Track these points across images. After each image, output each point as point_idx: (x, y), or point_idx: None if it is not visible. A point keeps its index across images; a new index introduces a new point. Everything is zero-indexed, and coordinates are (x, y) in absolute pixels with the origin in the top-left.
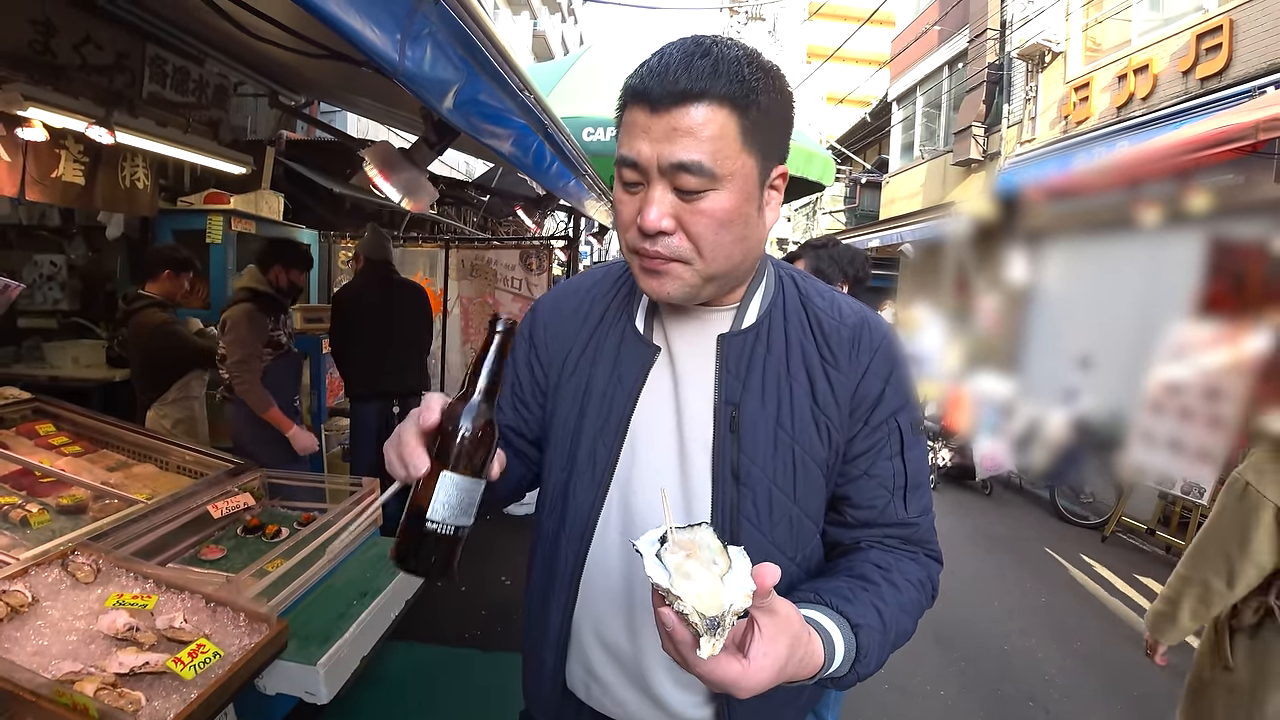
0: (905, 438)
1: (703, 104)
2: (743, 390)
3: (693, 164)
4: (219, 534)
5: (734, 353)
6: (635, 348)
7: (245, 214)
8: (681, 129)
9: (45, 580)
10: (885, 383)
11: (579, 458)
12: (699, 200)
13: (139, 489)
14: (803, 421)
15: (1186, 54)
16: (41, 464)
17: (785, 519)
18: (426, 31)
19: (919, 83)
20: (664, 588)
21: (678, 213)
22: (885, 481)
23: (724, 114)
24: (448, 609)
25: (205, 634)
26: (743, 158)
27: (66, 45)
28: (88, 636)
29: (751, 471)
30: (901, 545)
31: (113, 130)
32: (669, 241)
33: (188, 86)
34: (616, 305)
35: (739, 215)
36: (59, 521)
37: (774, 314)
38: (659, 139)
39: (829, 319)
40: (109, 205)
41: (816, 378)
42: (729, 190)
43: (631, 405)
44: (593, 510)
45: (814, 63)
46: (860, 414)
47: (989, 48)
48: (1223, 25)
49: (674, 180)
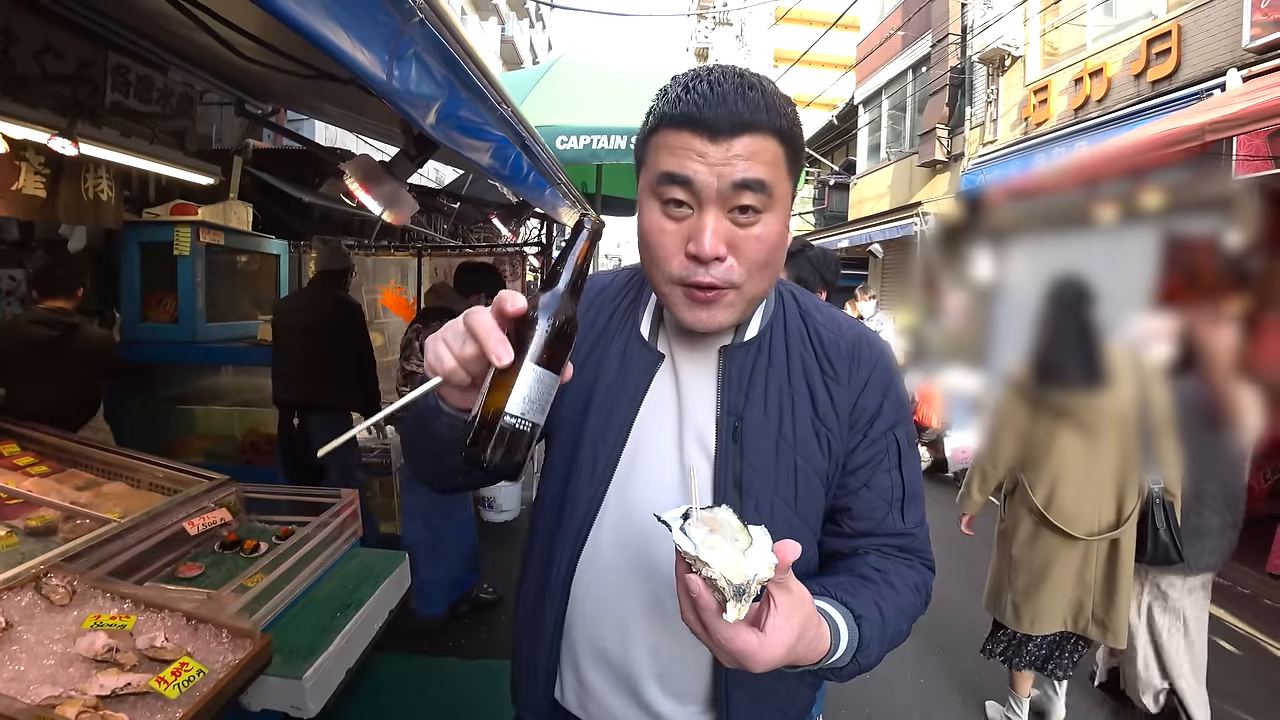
0: (902, 451)
1: (759, 134)
2: (745, 402)
3: (755, 181)
4: (196, 551)
5: (736, 365)
6: (640, 354)
7: (213, 225)
8: (744, 154)
9: (18, 604)
10: (884, 396)
11: (579, 459)
12: (752, 226)
13: (111, 508)
14: (804, 433)
15: (1138, 58)
16: (6, 485)
17: (786, 526)
18: (412, 51)
19: (884, 86)
20: (692, 555)
21: (731, 239)
22: (884, 494)
23: (774, 143)
24: (431, 619)
25: (188, 652)
26: (785, 184)
27: (26, 54)
28: (66, 659)
29: (754, 481)
30: (898, 553)
31: (76, 141)
32: (721, 269)
33: (152, 95)
34: (622, 311)
35: (782, 239)
36: (28, 544)
37: (775, 328)
38: (718, 163)
39: (828, 333)
40: (72, 218)
41: (817, 390)
42: (777, 214)
43: (634, 409)
44: (589, 511)
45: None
46: (859, 427)
47: (951, 52)
48: (1171, 30)
49: (733, 200)
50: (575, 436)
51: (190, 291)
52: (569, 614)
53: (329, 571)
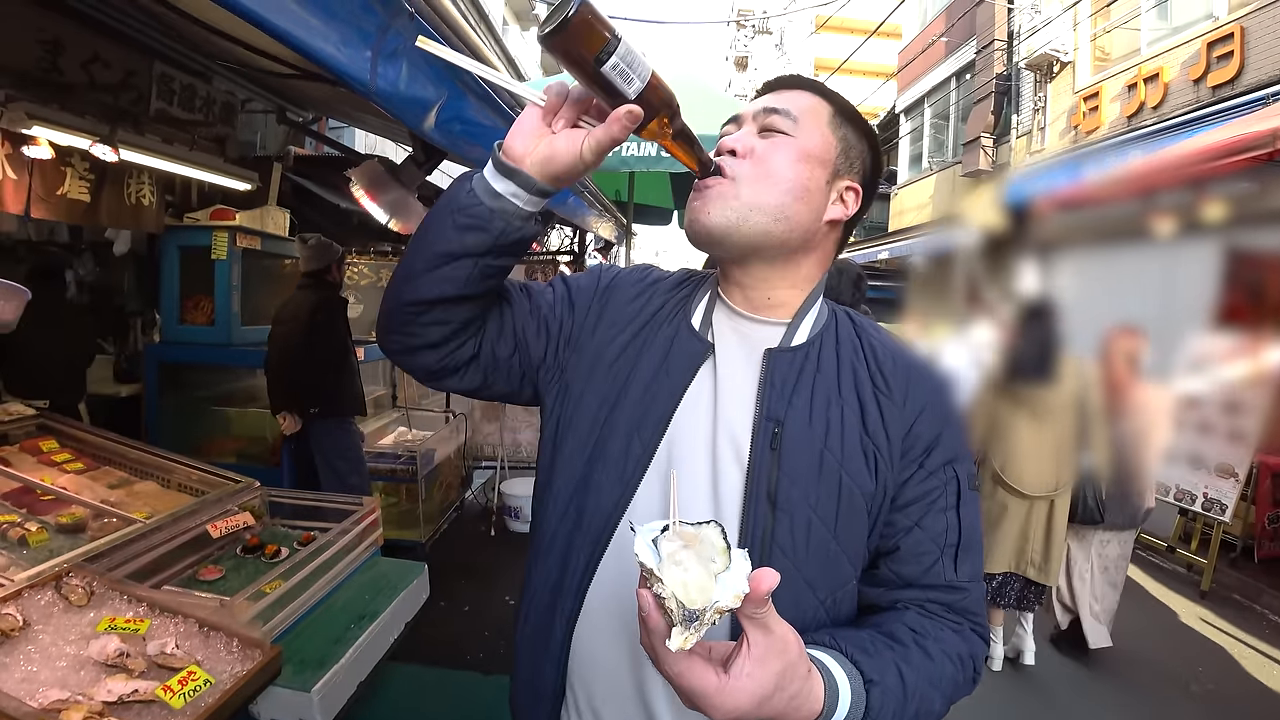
0: (962, 490)
1: (806, 91)
2: (788, 408)
3: (781, 108)
4: (218, 553)
5: (780, 369)
6: (688, 343)
7: (250, 230)
8: (784, 96)
9: (38, 603)
10: (944, 425)
11: (609, 451)
12: (773, 136)
13: (139, 507)
14: (851, 448)
15: (1197, 62)
16: (42, 481)
17: (821, 552)
18: (401, 48)
19: (926, 94)
20: (649, 568)
21: (752, 145)
22: (936, 536)
23: (819, 101)
24: (449, 630)
25: (197, 660)
26: (825, 132)
27: (74, 64)
28: (77, 662)
29: (791, 495)
30: (945, 613)
31: (116, 148)
32: (730, 161)
33: (195, 104)
34: (674, 305)
35: (802, 163)
36: (57, 540)
37: (826, 337)
38: (765, 101)
39: (884, 349)
40: (114, 222)
41: (868, 403)
42: (802, 141)
43: (675, 401)
44: (615, 510)
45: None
46: (914, 455)
47: (996, 59)
48: (1233, 33)
49: (761, 122)
50: (604, 426)
51: (226, 295)
52: (579, 628)
53: (347, 580)
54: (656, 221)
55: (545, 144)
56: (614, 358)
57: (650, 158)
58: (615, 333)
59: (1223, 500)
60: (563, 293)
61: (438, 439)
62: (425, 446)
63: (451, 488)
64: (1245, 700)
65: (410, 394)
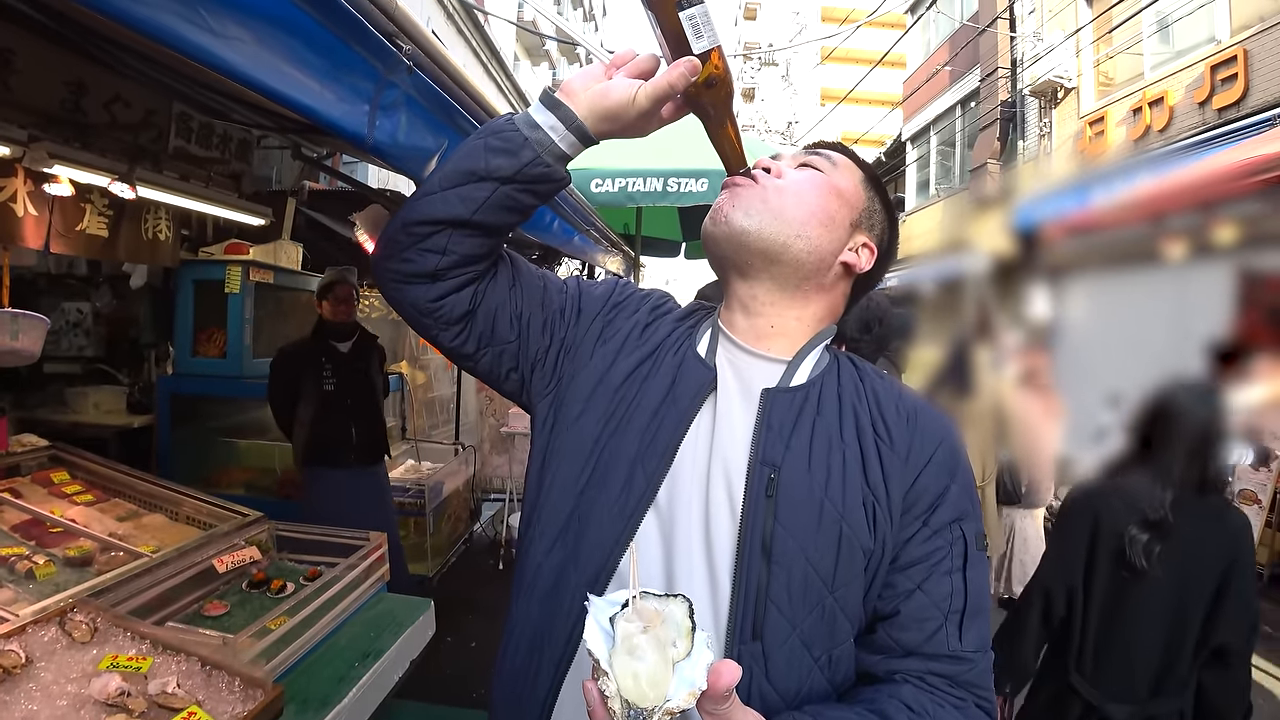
0: (969, 551)
1: (844, 155)
2: (786, 451)
3: (821, 151)
4: (224, 588)
5: (779, 410)
6: (695, 369)
7: (263, 264)
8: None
9: (41, 639)
10: (951, 480)
11: (610, 481)
12: (809, 170)
13: (147, 540)
14: (853, 498)
15: (1201, 85)
16: (52, 514)
17: (818, 609)
18: (400, 100)
19: (932, 122)
20: (596, 657)
21: (787, 170)
22: (940, 601)
23: (854, 165)
24: (455, 666)
25: (198, 700)
26: (856, 184)
27: (97, 104)
28: (78, 701)
29: (788, 548)
30: (948, 687)
31: (134, 185)
32: (764, 175)
33: (212, 140)
34: (681, 334)
35: (832, 196)
36: (64, 574)
37: (827, 379)
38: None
39: (887, 395)
40: (132, 257)
41: (869, 451)
42: (835, 179)
43: (682, 431)
44: (616, 546)
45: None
46: (918, 512)
47: (1000, 86)
48: (1237, 55)
49: (799, 159)
50: (601, 453)
51: (239, 327)
52: (568, 680)
53: (353, 617)
54: (665, 254)
55: (602, 84)
56: (619, 381)
57: (657, 193)
58: (621, 355)
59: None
60: (575, 295)
61: (446, 471)
62: (434, 479)
63: (460, 520)
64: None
65: (419, 425)
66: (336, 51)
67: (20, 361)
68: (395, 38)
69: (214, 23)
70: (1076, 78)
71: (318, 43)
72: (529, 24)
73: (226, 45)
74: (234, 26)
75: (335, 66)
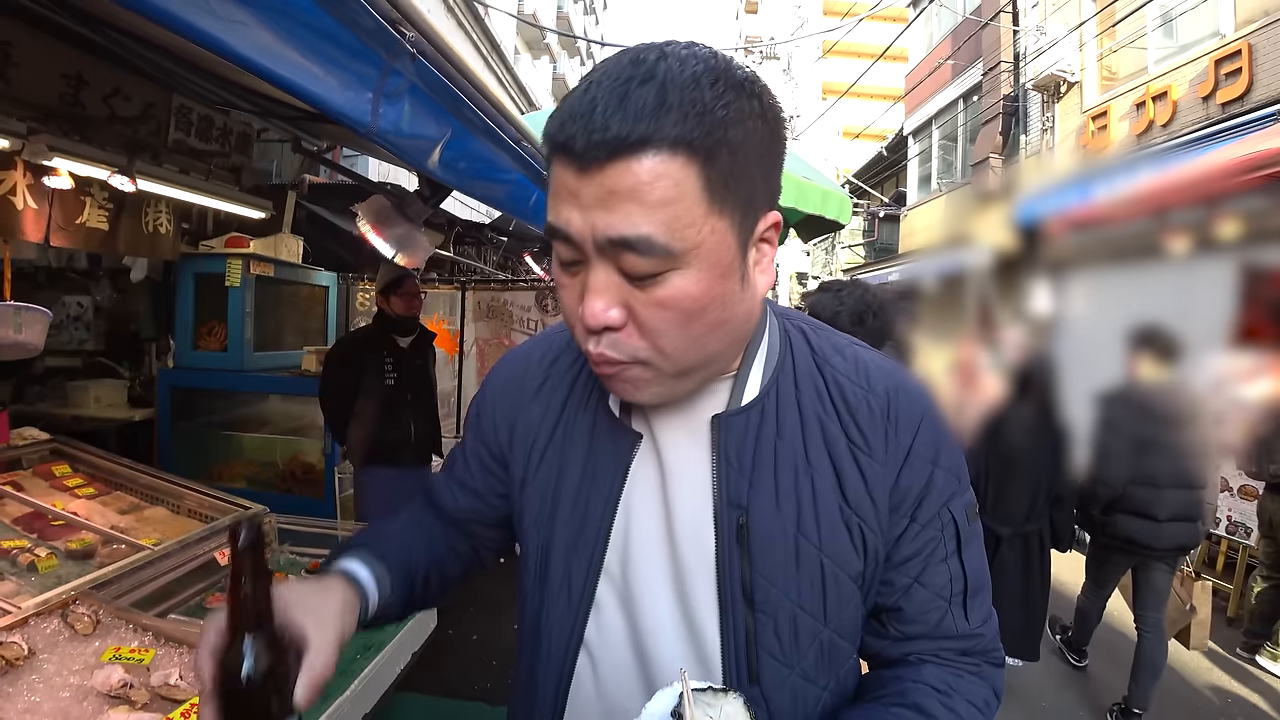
0: (961, 531)
1: (647, 155)
2: (750, 489)
3: (638, 240)
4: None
5: (734, 438)
6: (610, 436)
7: (263, 257)
8: (620, 193)
9: (44, 631)
10: (933, 465)
11: (550, 579)
12: (654, 287)
13: (148, 533)
14: (831, 526)
15: (1205, 79)
16: (54, 507)
17: (815, 645)
18: (404, 88)
19: (934, 116)
20: None
21: (628, 300)
22: (941, 590)
23: (679, 164)
24: (457, 659)
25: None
26: (712, 221)
27: (96, 97)
28: (81, 693)
29: (770, 595)
30: (962, 658)
31: (134, 178)
32: (617, 339)
33: (211, 134)
34: (585, 382)
35: (712, 299)
36: (66, 566)
37: (782, 382)
38: (591, 205)
39: (854, 387)
40: (132, 250)
41: (845, 467)
42: (695, 268)
43: (612, 511)
44: (571, 640)
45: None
46: (905, 509)
47: (1003, 80)
48: (1241, 50)
49: (617, 261)
50: (545, 547)
51: (239, 321)
52: None
53: None
54: None
55: None
56: (538, 463)
57: None
58: (532, 435)
59: (1247, 523)
60: (475, 448)
61: None
62: (436, 471)
63: None
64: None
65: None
66: (339, 37)
67: (23, 354)
68: (399, 24)
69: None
70: (1079, 72)
71: (320, 28)
72: (530, 17)
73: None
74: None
75: (339, 52)
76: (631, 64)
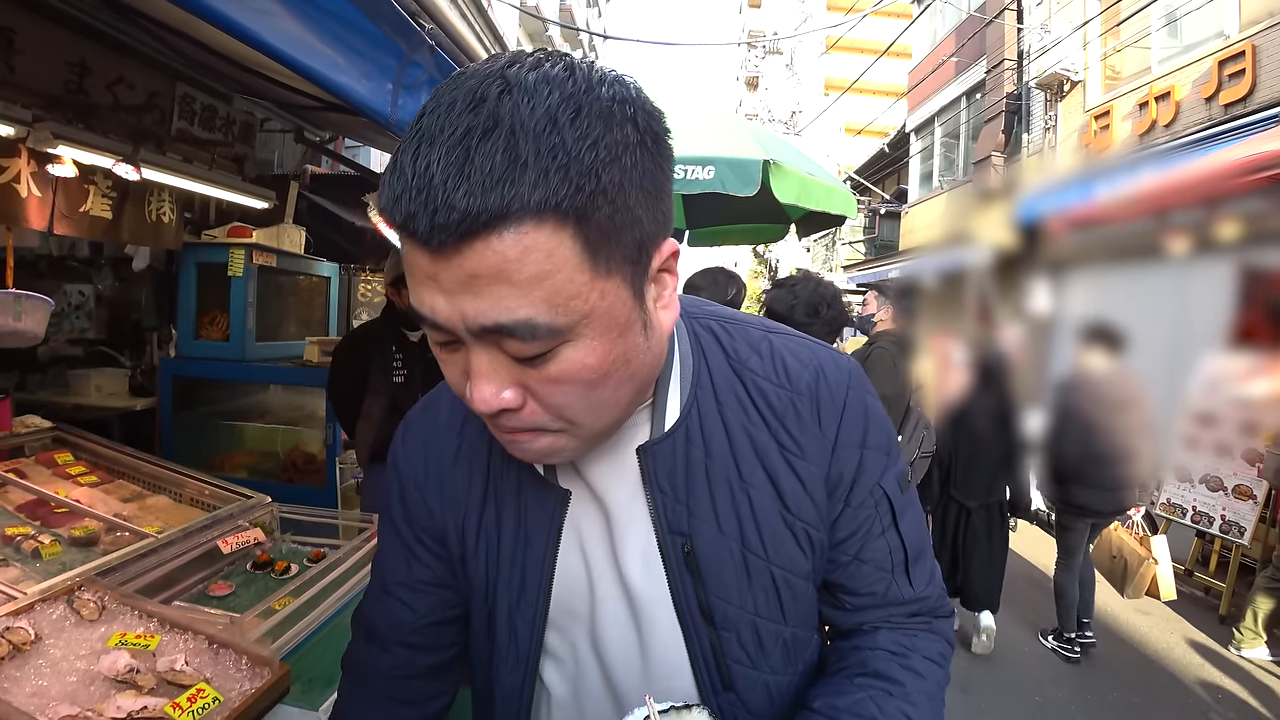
0: (895, 504)
1: (508, 229)
2: (689, 516)
3: (516, 325)
4: (228, 569)
5: (663, 467)
6: (538, 498)
7: (266, 248)
8: (483, 276)
9: (50, 617)
10: (861, 449)
11: (498, 635)
12: (546, 364)
13: (151, 521)
14: (776, 537)
15: (1209, 80)
16: (57, 494)
17: (779, 645)
18: (423, 79)
19: (937, 113)
20: None
21: (519, 380)
22: (882, 563)
23: (547, 232)
24: None
25: (206, 677)
26: (599, 285)
27: (100, 85)
28: (88, 677)
29: (728, 612)
30: (911, 619)
31: (139, 167)
32: (517, 416)
33: (215, 124)
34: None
35: (612, 362)
36: (70, 553)
37: (701, 397)
38: (454, 291)
39: (776, 390)
40: (135, 239)
41: (780, 476)
42: (588, 338)
43: (550, 571)
44: (524, 691)
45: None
46: (840, 494)
47: (1006, 78)
48: (1245, 51)
49: (498, 344)
50: (490, 610)
51: (242, 311)
52: None
53: (357, 596)
54: None
55: None
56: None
57: None
58: (461, 510)
59: (1241, 522)
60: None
61: None
62: None
63: None
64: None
65: None
66: (364, 28)
67: (23, 343)
68: (418, 16)
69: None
70: (1083, 71)
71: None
72: (532, 8)
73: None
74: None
75: (363, 42)
76: (469, 107)
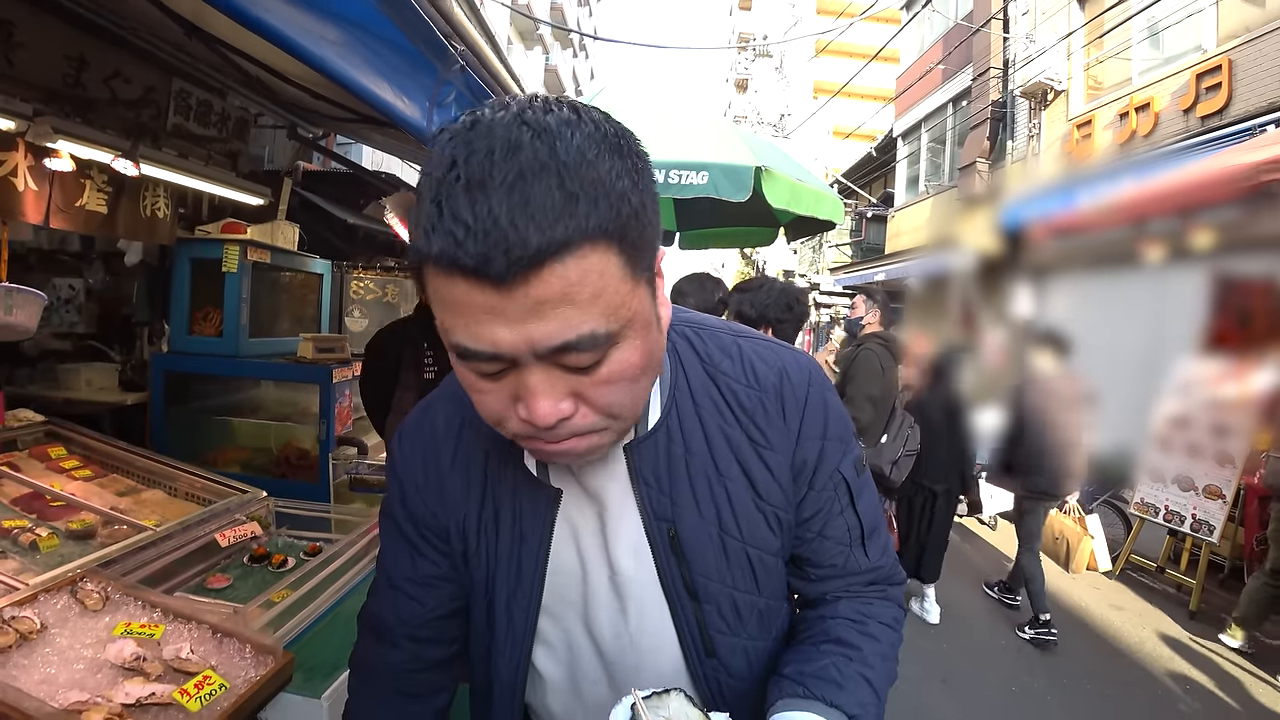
0: (852, 486)
1: (571, 256)
2: (673, 505)
3: (582, 340)
4: (225, 562)
5: (647, 462)
6: (532, 496)
7: (260, 244)
8: (550, 300)
9: (54, 607)
10: (822, 440)
11: (497, 622)
12: (598, 368)
13: (147, 515)
14: (750, 521)
15: (1187, 92)
16: (52, 487)
17: (754, 614)
18: (452, 97)
19: (924, 119)
20: None
21: (575, 389)
22: (841, 539)
23: (600, 253)
24: None
25: (211, 665)
26: (637, 291)
27: (97, 79)
28: (95, 665)
29: (709, 587)
30: (868, 588)
31: (138, 163)
32: (570, 425)
33: (210, 119)
34: (497, 445)
35: (649, 355)
36: (68, 546)
37: (679, 400)
38: (520, 320)
39: (746, 390)
40: (130, 234)
41: (753, 468)
42: (631, 338)
43: (543, 560)
44: (518, 673)
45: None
46: (804, 480)
47: (992, 86)
48: (1222, 65)
49: (558, 360)
50: (490, 600)
51: (235, 307)
52: None
53: (356, 589)
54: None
55: None
56: (476, 531)
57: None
58: (461, 511)
59: (1210, 521)
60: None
61: None
62: None
63: None
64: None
65: None
66: (406, 49)
67: (15, 336)
68: (451, 39)
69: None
70: (1067, 80)
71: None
72: (524, 7)
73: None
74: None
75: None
76: (508, 154)
